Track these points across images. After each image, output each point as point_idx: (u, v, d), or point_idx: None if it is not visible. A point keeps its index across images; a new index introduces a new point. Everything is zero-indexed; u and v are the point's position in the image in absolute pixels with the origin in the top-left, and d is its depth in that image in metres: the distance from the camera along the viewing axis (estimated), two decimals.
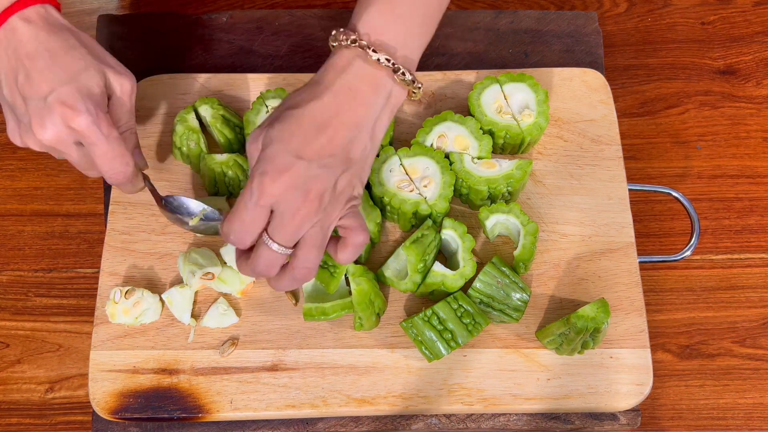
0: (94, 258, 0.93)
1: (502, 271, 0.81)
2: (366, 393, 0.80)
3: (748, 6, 1.08)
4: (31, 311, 0.91)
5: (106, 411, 0.80)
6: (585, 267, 0.85)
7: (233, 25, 1.03)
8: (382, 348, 0.82)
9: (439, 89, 0.94)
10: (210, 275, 0.83)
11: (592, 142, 0.91)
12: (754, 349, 0.90)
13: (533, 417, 0.82)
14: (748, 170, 0.98)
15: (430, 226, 0.83)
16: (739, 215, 0.96)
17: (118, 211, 0.88)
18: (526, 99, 0.89)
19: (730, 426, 0.87)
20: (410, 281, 0.82)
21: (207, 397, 0.80)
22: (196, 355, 0.82)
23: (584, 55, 1.00)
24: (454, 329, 0.79)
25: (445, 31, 1.01)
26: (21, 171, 0.98)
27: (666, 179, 0.97)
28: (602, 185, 0.89)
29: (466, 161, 0.86)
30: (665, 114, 1.01)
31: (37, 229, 0.95)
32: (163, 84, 0.95)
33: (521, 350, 0.82)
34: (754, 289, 0.92)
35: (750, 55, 1.05)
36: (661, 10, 1.08)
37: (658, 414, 0.87)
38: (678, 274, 0.93)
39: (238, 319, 0.84)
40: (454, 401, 0.80)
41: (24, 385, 0.88)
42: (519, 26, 1.02)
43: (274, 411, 0.80)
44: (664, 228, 0.95)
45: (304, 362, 0.82)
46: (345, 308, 0.81)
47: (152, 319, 0.84)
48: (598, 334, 0.78)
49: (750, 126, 1.00)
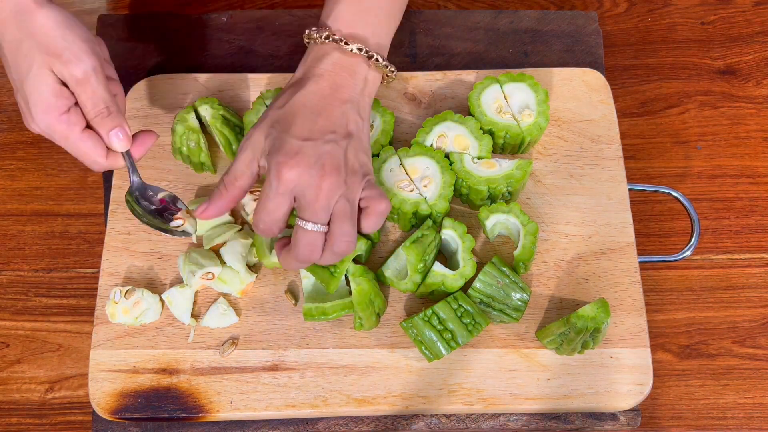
0: (94, 258, 0.93)
1: (502, 271, 0.81)
2: (366, 393, 0.80)
3: (748, 6, 1.08)
4: (31, 311, 0.91)
5: (106, 411, 0.80)
6: (585, 267, 0.85)
7: (233, 25, 1.03)
8: (382, 348, 0.82)
9: (439, 89, 0.94)
10: (210, 275, 0.83)
11: (592, 142, 0.91)
12: (754, 349, 0.90)
13: (533, 417, 0.82)
14: (748, 170, 0.98)
15: (430, 226, 0.83)
16: (739, 215, 0.96)
17: (118, 211, 0.88)
18: (526, 99, 0.89)
19: (730, 426, 0.87)
20: (410, 281, 0.82)
21: (207, 397, 0.80)
22: (196, 355, 0.82)
23: (584, 55, 1.00)
24: (454, 329, 0.79)
25: (445, 31, 1.01)
26: (21, 171, 0.98)
27: (666, 179, 0.97)
28: (602, 185, 0.89)
29: (466, 161, 0.86)
30: (665, 114, 1.01)
31: (37, 229, 0.95)
32: (163, 84, 0.95)
33: (521, 350, 0.82)
34: (754, 289, 0.92)
35: (750, 55, 1.05)
36: (661, 10, 1.08)
37: (658, 414, 0.87)
38: (678, 274, 0.93)
39: (238, 319, 0.84)
40: (454, 401, 0.80)
41: (24, 385, 0.88)
42: (519, 26, 1.02)
43: (274, 411, 0.80)
44: (664, 228, 0.95)
45: (304, 362, 0.82)
46: (345, 308, 0.81)
47: (152, 319, 0.84)
48: (598, 334, 0.78)
49: (750, 126, 1.00)
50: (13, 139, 1.00)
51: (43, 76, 0.73)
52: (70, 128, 0.74)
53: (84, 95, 0.75)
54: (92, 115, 0.76)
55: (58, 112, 0.74)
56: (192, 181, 0.90)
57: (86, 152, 0.76)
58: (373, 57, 0.78)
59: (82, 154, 0.76)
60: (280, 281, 0.85)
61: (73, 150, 0.76)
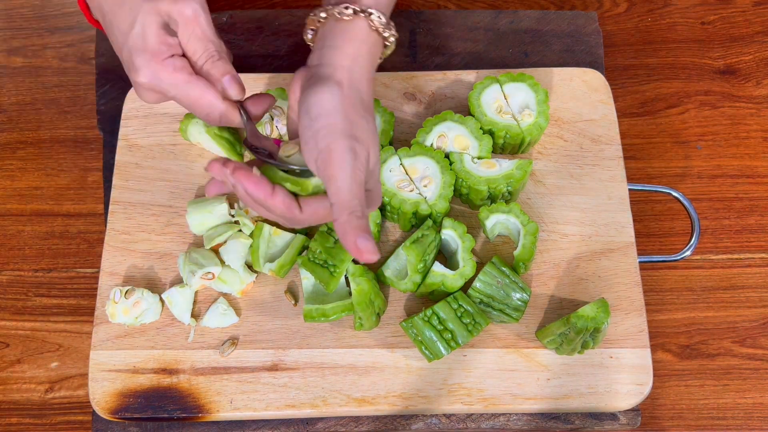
0: (94, 258, 0.93)
1: (502, 271, 0.81)
2: (366, 393, 0.80)
3: (748, 6, 1.08)
4: (31, 311, 0.91)
5: (106, 411, 0.80)
6: (585, 267, 0.85)
7: (233, 25, 1.03)
8: (382, 348, 0.82)
9: (439, 89, 0.94)
10: (210, 275, 0.83)
11: (592, 142, 0.91)
12: (754, 349, 0.90)
13: (533, 417, 0.82)
14: (748, 170, 0.98)
15: (430, 226, 0.83)
16: (739, 215, 0.96)
17: (118, 211, 0.88)
18: (526, 99, 0.89)
19: (730, 426, 0.87)
20: (410, 281, 0.82)
21: (207, 397, 0.80)
22: (196, 355, 0.82)
23: (584, 55, 1.00)
24: (454, 329, 0.79)
25: (445, 31, 1.02)
26: (21, 171, 0.98)
27: (666, 179, 0.97)
28: (602, 185, 0.89)
29: (466, 161, 0.86)
30: (665, 114, 1.01)
31: (37, 229, 0.95)
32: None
33: (521, 350, 0.82)
34: (754, 289, 0.92)
35: (750, 55, 1.05)
36: (661, 10, 1.08)
37: (658, 414, 0.87)
38: (678, 274, 0.93)
39: (238, 319, 0.84)
40: (454, 401, 0.80)
41: (24, 385, 0.88)
42: (519, 26, 1.02)
43: (274, 411, 0.80)
44: (664, 228, 0.95)
45: (304, 362, 0.82)
46: (345, 310, 0.81)
47: (152, 319, 0.84)
48: (598, 334, 0.78)
49: (750, 126, 1.00)
50: (13, 139, 1.00)
51: (148, 23, 0.70)
52: (177, 73, 0.71)
53: (194, 37, 0.71)
54: (204, 59, 0.72)
55: (163, 57, 0.70)
56: (192, 181, 0.90)
57: (199, 97, 0.72)
58: (373, 14, 0.72)
59: (195, 100, 0.72)
60: (280, 281, 0.85)
61: (184, 97, 0.72)
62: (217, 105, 0.73)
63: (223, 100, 0.73)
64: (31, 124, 1.02)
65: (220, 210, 0.86)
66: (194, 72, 0.72)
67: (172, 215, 0.88)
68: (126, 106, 0.94)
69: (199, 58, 0.72)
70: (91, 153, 1.00)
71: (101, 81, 1.00)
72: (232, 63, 0.75)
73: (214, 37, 0.72)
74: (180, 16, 0.71)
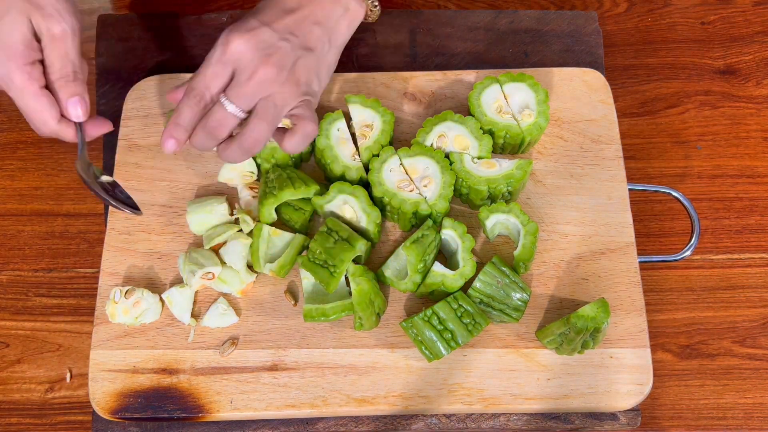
0: (94, 258, 0.93)
1: (502, 271, 0.81)
2: (366, 393, 0.80)
3: (748, 6, 1.08)
4: (31, 311, 0.91)
5: (106, 411, 0.80)
6: (585, 267, 0.85)
7: None
8: (382, 348, 0.82)
9: (439, 89, 0.94)
10: (210, 275, 0.83)
11: (592, 142, 0.91)
12: (754, 349, 0.90)
13: (533, 417, 0.82)
14: (748, 170, 0.98)
15: (430, 226, 0.83)
16: (739, 215, 0.96)
17: (118, 211, 0.88)
18: (526, 99, 0.89)
19: (730, 426, 0.87)
20: (410, 281, 0.82)
21: (207, 397, 0.80)
22: (196, 355, 0.82)
23: (584, 55, 1.00)
24: (454, 329, 0.79)
25: (445, 31, 1.01)
26: (21, 171, 0.98)
27: (666, 179, 0.97)
28: (602, 185, 0.89)
29: (466, 161, 0.86)
30: (665, 114, 1.01)
31: (37, 229, 0.95)
32: (163, 84, 0.95)
33: (521, 350, 0.82)
34: (754, 289, 0.92)
35: (750, 55, 1.05)
36: (661, 10, 1.08)
37: (658, 414, 0.87)
38: (678, 274, 0.93)
39: (238, 318, 0.84)
40: (454, 401, 0.80)
41: (24, 385, 0.88)
42: (519, 26, 1.02)
43: (274, 411, 0.80)
44: (664, 228, 0.95)
45: (304, 362, 0.82)
46: (345, 310, 0.81)
47: (152, 319, 0.84)
48: (598, 334, 0.78)
49: (750, 126, 1.00)
50: (13, 139, 1.00)
51: (18, 22, 0.71)
52: (30, 81, 0.72)
53: (55, 53, 0.73)
54: (57, 76, 0.73)
55: (23, 61, 0.71)
56: (192, 181, 0.90)
57: (39, 111, 0.73)
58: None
59: (33, 111, 0.73)
60: (280, 281, 0.85)
61: (25, 106, 0.73)
62: (50, 124, 0.75)
63: (60, 119, 0.75)
64: None
65: (220, 210, 0.86)
66: (45, 85, 0.74)
67: (172, 215, 0.88)
68: (126, 106, 0.94)
69: (54, 73, 0.74)
70: (91, 153, 1.00)
71: (101, 81, 1.00)
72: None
73: (76, 58, 0.74)
74: (47, 32, 0.72)
